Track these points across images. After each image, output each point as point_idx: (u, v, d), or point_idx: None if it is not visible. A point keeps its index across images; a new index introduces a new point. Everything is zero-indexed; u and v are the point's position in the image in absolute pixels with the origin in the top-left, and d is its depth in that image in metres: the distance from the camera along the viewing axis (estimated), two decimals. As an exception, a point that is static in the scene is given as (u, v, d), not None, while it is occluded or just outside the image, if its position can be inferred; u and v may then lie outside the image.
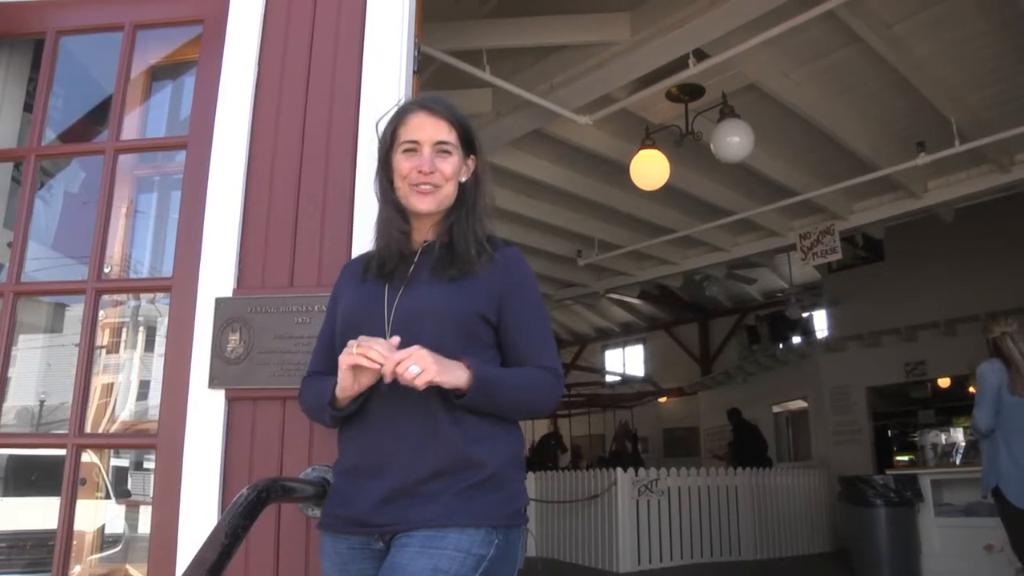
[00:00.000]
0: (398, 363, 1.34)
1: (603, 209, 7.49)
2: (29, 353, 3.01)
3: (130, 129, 2.82)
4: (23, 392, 3.04)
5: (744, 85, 5.22)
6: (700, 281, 10.43)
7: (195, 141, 2.28)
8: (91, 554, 2.96)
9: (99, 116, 2.88)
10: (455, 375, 1.40)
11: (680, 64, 4.64)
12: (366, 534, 1.47)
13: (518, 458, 1.54)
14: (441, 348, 1.42)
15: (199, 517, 1.91)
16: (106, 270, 2.52)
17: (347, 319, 1.57)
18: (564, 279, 9.81)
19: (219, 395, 2.03)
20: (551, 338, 1.61)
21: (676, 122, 5.51)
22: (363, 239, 1.93)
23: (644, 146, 5.53)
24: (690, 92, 5.24)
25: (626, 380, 15.87)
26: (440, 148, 1.55)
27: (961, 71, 5.19)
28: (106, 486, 3.20)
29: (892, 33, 4.72)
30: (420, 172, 1.53)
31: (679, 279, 9.44)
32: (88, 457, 3.17)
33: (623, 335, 16.77)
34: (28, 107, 2.80)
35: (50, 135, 3.01)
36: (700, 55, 4.60)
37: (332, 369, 1.57)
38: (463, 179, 1.60)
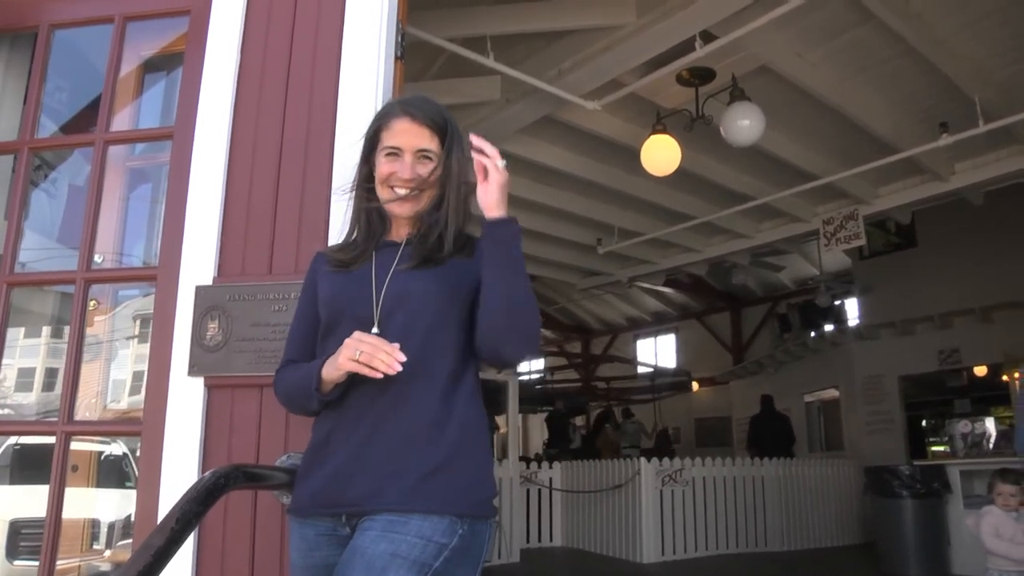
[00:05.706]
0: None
1: (621, 196, 7.41)
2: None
3: (126, 121, 2.86)
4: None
5: (756, 67, 5.10)
6: (728, 268, 10.27)
7: (180, 132, 2.31)
8: (122, 539, 3.02)
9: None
10: (503, 208, 1.47)
11: (688, 46, 4.55)
12: (332, 515, 1.47)
13: (485, 445, 1.54)
14: (426, 331, 1.48)
15: (178, 503, 1.93)
16: (98, 260, 2.57)
17: (333, 304, 1.58)
18: (587, 268, 9.76)
19: (198, 383, 2.05)
20: None
21: (687, 106, 5.41)
22: (340, 226, 1.93)
23: (655, 131, 5.45)
24: (701, 75, 5.14)
25: (658, 373, 15.75)
26: (421, 155, 1.57)
27: (983, 48, 5.01)
28: (135, 475, 3.26)
29: (910, 9, 4.57)
30: (400, 179, 1.56)
31: (703, 266, 9.32)
32: (120, 448, 3.25)
33: (655, 324, 16.65)
34: (30, 100, 2.83)
35: (53, 127, 3.07)
36: (708, 37, 4.51)
37: (309, 358, 1.59)
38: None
